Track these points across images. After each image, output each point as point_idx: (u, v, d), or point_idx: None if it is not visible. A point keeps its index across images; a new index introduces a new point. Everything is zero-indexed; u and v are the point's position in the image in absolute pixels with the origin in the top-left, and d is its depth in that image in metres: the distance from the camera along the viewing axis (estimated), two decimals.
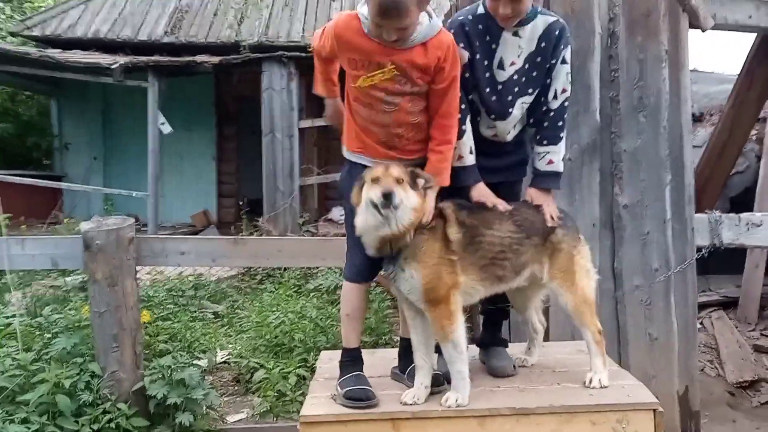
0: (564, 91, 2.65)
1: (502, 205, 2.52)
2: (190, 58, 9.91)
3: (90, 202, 11.55)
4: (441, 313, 2.31)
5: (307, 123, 10.04)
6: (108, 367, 3.33)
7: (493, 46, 2.56)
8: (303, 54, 9.98)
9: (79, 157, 12.11)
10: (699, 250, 3.87)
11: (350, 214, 2.46)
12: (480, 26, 2.55)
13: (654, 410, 2.36)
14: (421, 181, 2.33)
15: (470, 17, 2.57)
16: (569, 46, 2.66)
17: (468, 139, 2.57)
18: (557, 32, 2.59)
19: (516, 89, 2.62)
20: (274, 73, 9.77)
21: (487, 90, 2.60)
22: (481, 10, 2.57)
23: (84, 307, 3.77)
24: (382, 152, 2.46)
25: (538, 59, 2.60)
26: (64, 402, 3.12)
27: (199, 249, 3.62)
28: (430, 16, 2.38)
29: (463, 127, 2.55)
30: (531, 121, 2.73)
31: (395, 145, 2.47)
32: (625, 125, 3.78)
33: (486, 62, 2.58)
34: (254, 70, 9.95)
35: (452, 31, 2.53)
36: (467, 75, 2.55)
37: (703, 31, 3.90)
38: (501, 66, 2.59)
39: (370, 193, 2.24)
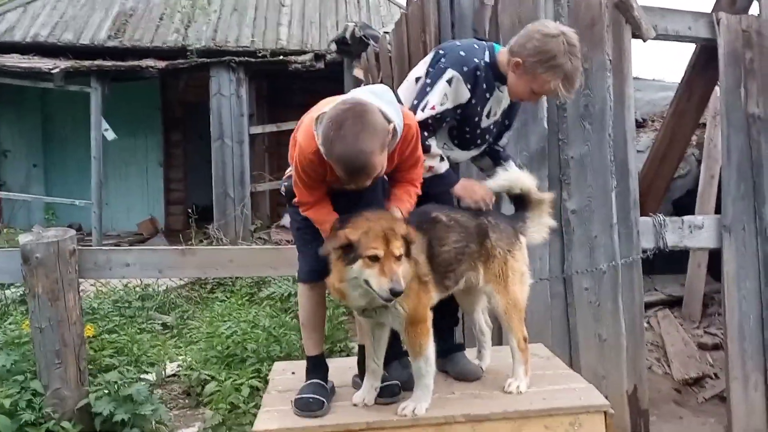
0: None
1: (483, 203, 2.58)
2: (135, 63, 9.70)
3: (30, 211, 11.14)
4: (420, 332, 2.30)
5: (257, 129, 9.94)
6: (51, 385, 3.23)
7: (487, 95, 2.67)
8: (252, 59, 9.89)
9: (18, 164, 11.69)
10: (644, 251, 3.98)
11: (295, 218, 2.45)
12: (483, 74, 2.62)
13: (605, 412, 2.40)
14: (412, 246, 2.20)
15: (482, 64, 2.61)
16: None
17: (436, 151, 2.62)
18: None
19: (486, 137, 2.80)
20: (222, 78, 9.64)
21: (467, 129, 2.71)
22: (487, 57, 2.64)
23: (24, 321, 3.63)
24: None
25: (504, 116, 2.81)
26: (4, 423, 3.04)
27: (144, 260, 3.54)
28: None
29: (428, 143, 2.56)
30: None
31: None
32: (571, 133, 3.87)
33: (479, 107, 2.67)
34: (202, 74, 9.81)
35: (465, 69, 2.56)
36: (459, 111, 2.61)
37: (644, 41, 4.02)
38: (488, 115, 2.72)
39: (371, 278, 2.08)
